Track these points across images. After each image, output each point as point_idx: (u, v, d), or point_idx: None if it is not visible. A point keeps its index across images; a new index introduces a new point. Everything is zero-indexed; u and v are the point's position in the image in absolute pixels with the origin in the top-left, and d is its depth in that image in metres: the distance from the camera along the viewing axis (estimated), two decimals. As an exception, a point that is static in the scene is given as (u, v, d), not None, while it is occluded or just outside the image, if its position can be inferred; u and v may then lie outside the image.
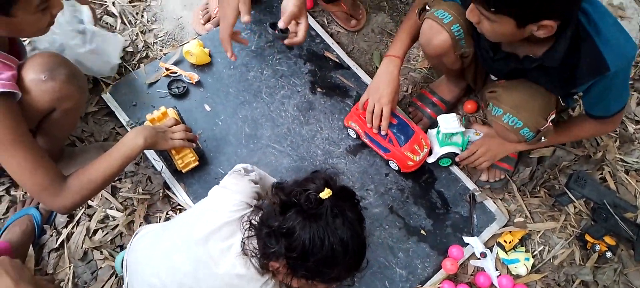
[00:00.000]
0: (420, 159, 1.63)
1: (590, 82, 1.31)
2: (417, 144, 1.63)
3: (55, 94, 1.29)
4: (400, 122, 1.64)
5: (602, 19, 1.23)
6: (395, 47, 1.58)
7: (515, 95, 1.45)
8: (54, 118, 1.37)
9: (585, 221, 1.68)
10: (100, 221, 1.58)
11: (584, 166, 1.76)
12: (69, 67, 1.33)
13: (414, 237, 1.61)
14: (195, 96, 1.76)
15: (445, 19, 1.44)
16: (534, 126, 1.43)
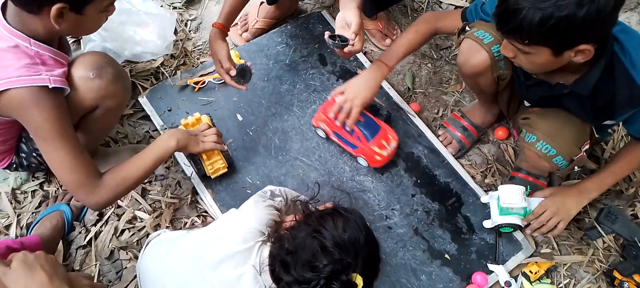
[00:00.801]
0: (387, 154, 1.67)
1: (629, 112, 1.29)
2: (384, 139, 1.66)
3: (101, 92, 1.34)
4: (366, 119, 1.66)
5: (637, 48, 1.22)
6: (391, 55, 1.58)
7: (549, 123, 1.44)
8: (96, 115, 1.41)
9: (613, 257, 1.64)
10: (128, 221, 1.61)
11: (615, 201, 1.72)
12: (115, 67, 1.39)
13: (437, 260, 1.60)
14: (228, 105, 1.79)
15: (485, 39, 1.44)
16: (567, 155, 1.42)
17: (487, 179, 1.77)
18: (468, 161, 1.82)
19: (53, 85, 1.20)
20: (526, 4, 1.09)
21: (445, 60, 2.02)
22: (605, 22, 1.12)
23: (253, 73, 1.63)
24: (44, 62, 1.22)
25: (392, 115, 1.83)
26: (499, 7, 1.18)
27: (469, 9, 1.50)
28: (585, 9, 1.05)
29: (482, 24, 1.47)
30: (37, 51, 1.22)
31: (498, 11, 1.18)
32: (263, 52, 1.92)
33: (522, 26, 1.13)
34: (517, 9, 1.11)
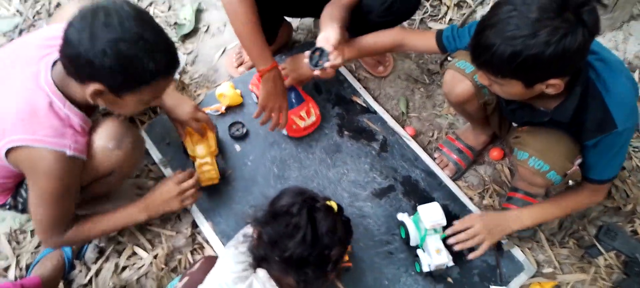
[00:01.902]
0: (305, 125, 1.75)
1: (596, 138, 1.31)
2: (304, 111, 1.75)
3: (119, 163, 1.37)
4: (293, 92, 1.74)
5: (612, 76, 1.25)
6: (351, 46, 1.60)
7: (540, 140, 1.45)
8: (109, 179, 1.42)
9: (616, 274, 1.64)
10: (128, 257, 1.60)
11: (613, 218, 1.73)
12: (134, 134, 1.40)
13: (440, 285, 1.59)
14: (225, 135, 1.80)
15: (467, 69, 1.49)
16: (561, 169, 1.43)
17: (485, 200, 1.78)
18: (465, 183, 1.83)
19: (71, 152, 1.22)
20: (497, 40, 1.11)
21: (437, 84, 2.05)
22: (573, 59, 1.14)
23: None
24: (71, 126, 1.24)
25: (388, 139, 1.85)
26: (472, 40, 1.20)
27: (445, 34, 1.51)
28: (552, 48, 1.08)
29: (462, 53, 1.51)
30: (68, 115, 1.23)
31: (472, 44, 1.21)
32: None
33: (493, 61, 1.15)
34: (489, 45, 1.13)
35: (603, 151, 1.34)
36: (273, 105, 1.61)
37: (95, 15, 1.09)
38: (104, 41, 1.08)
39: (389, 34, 1.61)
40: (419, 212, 1.55)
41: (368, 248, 1.62)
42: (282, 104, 1.62)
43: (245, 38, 1.52)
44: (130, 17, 1.10)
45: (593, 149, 1.35)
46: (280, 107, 1.62)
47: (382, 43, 1.61)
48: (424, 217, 1.53)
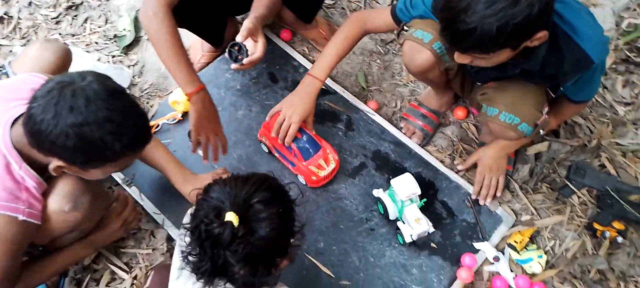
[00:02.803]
0: (326, 174, 1.64)
1: (576, 77, 1.34)
2: (322, 159, 1.63)
3: (77, 223, 1.31)
4: (307, 138, 1.64)
5: (575, 17, 1.26)
6: (320, 67, 1.58)
7: (507, 94, 1.46)
8: (70, 236, 1.38)
9: (591, 210, 1.68)
10: (107, 284, 1.55)
11: (581, 156, 1.76)
12: (91, 191, 1.32)
13: (424, 251, 1.59)
14: (186, 142, 1.73)
15: (425, 39, 1.47)
16: (531, 120, 1.44)
17: (456, 160, 1.79)
18: (434, 147, 1.83)
19: (24, 218, 1.17)
20: (477, 21, 1.09)
21: (393, 53, 2.04)
22: (553, 7, 1.15)
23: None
24: (26, 189, 1.18)
25: (352, 118, 1.83)
26: (447, 30, 1.17)
27: (399, 7, 1.49)
28: (536, 6, 1.07)
29: (418, 22, 1.48)
30: (23, 177, 1.17)
31: (449, 34, 1.18)
32: (212, 82, 1.88)
33: (480, 42, 1.13)
34: (470, 29, 1.11)
35: (585, 82, 1.38)
36: (206, 130, 1.50)
37: (61, 93, 1.05)
38: (67, 124, 1.04)
39: (349, 32, 1.58)
40: (393, 185, 1.54)
41: (349, 229, 1.61)
42: (216, 127, 1.53)
43: (168, 60, 1.42)
44: (98, 98, 1.06)
45: (573, 86, 1.39)
46: (215, 130, 1.53)
47: (345, 46, 1.58)
48: (398, 190, 1.53)
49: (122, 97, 1.13)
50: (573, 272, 1.57)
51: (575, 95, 1.47)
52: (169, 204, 1.64)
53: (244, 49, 1.53)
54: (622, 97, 1.91)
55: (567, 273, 1.57)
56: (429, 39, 1.46)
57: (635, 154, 1.78)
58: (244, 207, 0.98)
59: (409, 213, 1.54)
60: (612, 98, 1.90)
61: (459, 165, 1.75)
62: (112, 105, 1.08)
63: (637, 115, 1.85)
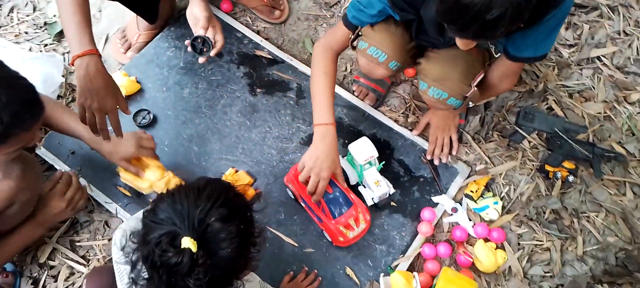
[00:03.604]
0: (353, 236, 1.48)
1: (545, 18, 1.22)
2: (353, 219, 1.47)
3: (11, 192, 1.25)
4: (337, 193, 1.49)
5: None
6: (324, 112, 1.46)
7: (437, 67, 1.44)
8: (12, 210, 1.30)
9: (542, 152, 1.71)
10: (66, 279, 1.50)
11: (529, 101, 1.80)
12: (22, 160, 1.27)
13: (385, 210, 1.60)
14: (132, 127, 1.67)
15: (380, 58, 1.45)
16: (459, 94, 1.44)
17: (410, 118, 1.79)
18: (387, 107, 1.82)
19: None
20: (503, 3, 0.99)
21: (338, 15, 2.00)
22: None
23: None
24: None
25: (302, 85, 1.80)
26: (472, 26, 1.06)
27: (351, 15, 1.44)
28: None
29: (370, 34, 1.44)
30: None
31: (474, 30, 1.07)
32: (153, 62, 1.81)
33: (513, 20, 1.04)
34: (500, 15, 1.01)
35: (549, 27, 1.28)
36: (90, 105, 1.29)
37: None
38: None
39: (325, 66, 1.49)
40: (350, 150, 1.54)
41: (308, 198, 1.60)
42: (102, 102, 1.30)
43: (63, 17, 1.28)
44: None
45: (534, 29, 1.26)
46: (101, 105, 1.30)
47: (331, 80, 1.49)
48: (356, 155, 1.52)
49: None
50: (528, 215, 1.61)
51: (521, 51, 1.35)
52: (119, 192, 1.58)
53: (208, 41, 1.47)
54: (565, 39, 1.94)
55: (523, 216, 1.61)
56: (384, 59, 1.45)
57: (581, 94, 1.82)
58: (200, 229, 0.88)
59: (369, 176, 1.54)
60: (556, 41, 1.93)
61: (413, 130, 1.75)
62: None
63: (580, 56, 1.89)
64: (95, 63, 1.28)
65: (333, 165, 1.45)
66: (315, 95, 1.49)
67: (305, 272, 1.49)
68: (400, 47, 1.46)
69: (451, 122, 1.70)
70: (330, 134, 1.45)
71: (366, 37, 1.45)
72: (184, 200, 0.91)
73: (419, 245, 1.55)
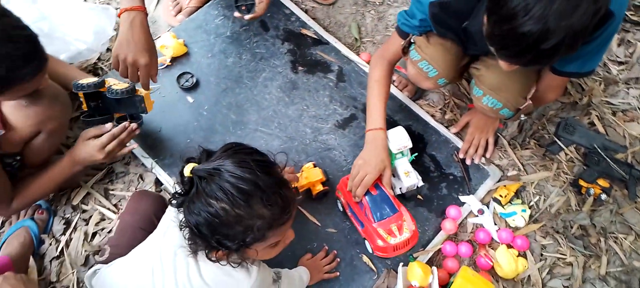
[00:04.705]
0: (396, 243, 1.40)
1: (593, 35, 1.19)
2: (396, 225, 1.41)
3: (38, 118, 1.29)
4: (382, 195, 1.45)
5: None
6: (375, 119, 1.51)
7: (495, 76, 1.42)
8: (40, 140, 1.36)
9: (577, 167, 1.69)
10: (97, 223, 1.56)
11: (571, 113, 1.76)
12: (49, 88, 1.31)
13: (411, 202, 1.61)
14: (175, 89, 1.73)
15: (430, 73, 1.45)
16: (513, 106, 1.43)
17: (447, 115, 1.78)
18: (425, 101, 1.82)
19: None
20: (558, 33, 0.97)
21: (387, 4, 2.00)
22: None
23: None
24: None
25: (343, 69, 1.81)
26: (526, 55, 1.04)
27: (400, 22, 1.46)
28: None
29: (424, 46, 1.44)
30: None
31: (529, 58, 1.05)
32: (202, 28, 1.85)
33: (570, 47, 1.02)
34: (557, 43, 0.99)
35: (598, 44, 1.24)
36: (125, 56, 1.34)
37: None
38: None
39: (379, 77, 1.54)
40: (388, 134, 1.54)
41: (337, 180, 1.61)
42: (137, 56, 1.35)
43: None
44: None
45: (585, 46, 1.20)
46: (134, 60, 1.35)
47: (384, 89, 1.53)
48: (390, 142, 1.53)
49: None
50: (555, 227, 1.59)
51: (564, 65, 1.32)
52: (157, 148, 1.63)
53: (254, 3, 1.52)
54: (616, 55, 1.90)
55: (550, 228, 1.60)
56: (433, 75, 1.45)
57: (625, 113, 1.78)
58: (212, 168, 0.94)
59: (400, 166, 1.55)
60: (606, 56, 1.89)
61: (452, 127, 1.74)
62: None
63: (629, 74, 1.84)
64: (140, 19, 1.34)
65: (381, 164, 1.47)
66: (368, 103, 1.55)
67: (325, 251, 1.52)
68: (452, 64, 1.45)
69: (491, 125, 1.69)
70: (379, 137, 1.49)
71: (420, 49, 1.45)
72: (236, 147, 1.00)
73: (440, 241, 1.55)
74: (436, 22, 1.35)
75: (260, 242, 1.00)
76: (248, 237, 0.96)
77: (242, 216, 0.94)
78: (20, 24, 1.11)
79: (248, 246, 0.99)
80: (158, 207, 1.40)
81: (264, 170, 0.97)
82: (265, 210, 0.96)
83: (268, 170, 0.99)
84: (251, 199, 0.94)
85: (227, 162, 0.95)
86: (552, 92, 1.48)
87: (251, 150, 1.03)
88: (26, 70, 1.12)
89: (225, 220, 0.94)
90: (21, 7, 1.14)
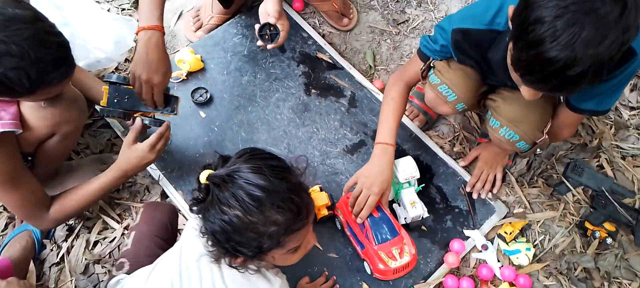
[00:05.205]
0: (396, 267, 1.43)
1: (614, 73, 1.20)
2: (397, 248, 1.44)
3: (55, 119, 1.31)
4: (384, 218, 1.49)
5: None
6: (386, 133, 1.52)
7: (513, 108, 1.42)
8: (53, 141, 1.38)
9: (584, 209, 1.68)
10: (99, 232, 1.58)
11: (580, 154, 1.76)
12: (68, 92, 1.34)
13: (414, 233, 1.61)
14: (189, 102, 1.76)
15: (449, 97, 1.46)
16: (530, 139, 1.42)
17: (456, 148, 1.79)
18: (435, 132, 1.83)
19: (2, 129, 1.18)
20: (584, 61, 0.96)
21: (404, 34, 2.03)
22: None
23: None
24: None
25: (356, 94, 1.83)
26: (551, 81, 1.03)
27: (422, 44, 1.48)
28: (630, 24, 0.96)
29: (444, 70, 1.45)
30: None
31: (554, 85, 1.04)
32: (219, 45, 1.89)
33: (594, 77, 1.01)
34: (582, 72, 0.97)
35: (618, 82, 1.24)
36: (139, 73, 1.36)
37: None
38: None
39: (394, 94, 1.55)
40: (394, 165, 1.55)
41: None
42: (151, 75, 1.37)
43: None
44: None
45: (604, 83, 1.23)
46: (149, 79, 1.37)
47: (398, 107, 1.54)
48: (397, 171, 1.53)
49: (21, 26, 1.04)
50: (559, 268, 1.58)
51: (581, 102, 1.32)
52: (166, 160, 1.66)
53: (276, 28, 1.55)
54: (629, 100, 1.89)
55: (553, 269, 1.58)
56: (452, 99, 1.45)
57: (635, 159, 1.77)
58: (228, 173, 0.95)
59: (406, 196, 1.55)
60: (619, 101, 1.89)
61: (461, 161, 1.75)
62: (9, 36, 1.01)
63: (641, 120, 1.85)
64: (157, 38, 1.37)
65: (385, 183, 1.48)
66: (381, 117, 1.56)
67: (325, 276, 1.52)
68: (471, 89, 1.45)
69: (500, 161, 1.70)
70: (388, 153, 1.50)
71: (440, 73, 1.46)
72: (251, 152, 1.01)
73: (442, 275, 1.55)
74: (457, 49, 1.37)
75: (277, 248, 0.99)
76: (264, 244, 0.97)
77: (255, 223, 0.94)
78: (54, 30, 1.13)
79: (265, 252, 0.99)
80: (172, 215, 1.41)
81: (278, 175, 0.97)
82: (278, 216, 0.95)
83: (283, 175, 0.99)
84: (263, 205, 0.94)
85: (242, 168, 0.96)
86: (567, 129, 1.49)
87: (266, 155, 1.03)
88: (55, 75, 1.13)
89: (238, 227, 0.95)
90: (46, 12, 1.16)
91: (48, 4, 1.76)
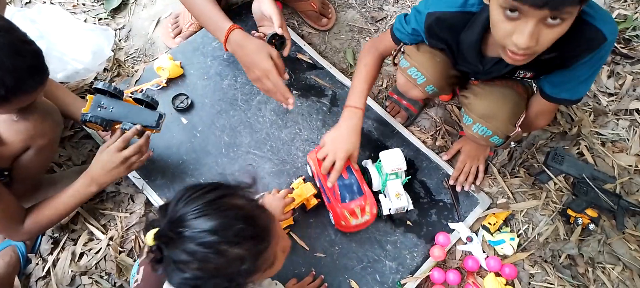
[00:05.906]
0: (357, 224, 1.52)
1: (585, 59, 1.21)
2: (359, 207, 1.52)
3: (29, 133, 1.30)
4: (353, 180, 1.55)
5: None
6: (355, 97, 1.53)
7: (485, 104, 1.44)
8: (29, 155, 1.37)
9: (566, 196, 1.70)
10: (85, 244, 1.57)
11: (560, 143, 1.78)
12: (41, 104, 1.33)
13: (400, 228, 1.62)
14: (170, 109, 1.75)
15: (418, 80, 1.48)
16: (503, 133, 1.44)
17: (438, 141, 1.80)
18: (417, 127, 1.84)
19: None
20: None
21: (382, 31, 2.03)
22: None
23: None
24: None
25: (337, 93, 1.83)
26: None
27: (395, 27, 1.48)
28: None
29: (413, 54, 1.47)
30: None
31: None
32: (199, 50, 1.88)
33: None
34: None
35: (590, 68, 1.24)
36: (257, 76, 1.47)
37: None
38: None
39: (368, 61, 1.56)
40: (381, 157, 1.57)
41: (327, 204, 1.63)
42: (260, 65, 1.46)
43: (202, 8, 1.48)
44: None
45: (572, 70, 1.25)
46: (266, 71, 1.46)
47: (371, 73, 1.56)
48: (384, 162, 1.55)
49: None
50: (544, 256, 1.60)
51: (559, 92, 1.33)
52: (149, 168, 1.65)
53: (283, 38, 1.56)
54: (606, 87, 1.92)
55: (538, 257, 1.60)
56: (422, 82, 1.47)
57: (614, 144, 1.80)
58: (174, 227, 0.89)
59: (391, 187, 1.56)
60: (596, 88, 1.91)
61: (444, 154, 1.77)
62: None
63: (619, 106, 1.87)
64: (235, 36, 1.46)
65: (352, 146, 1.51)
66: (353, 82, 1.57)
67: (312, 276, 1.52)
68: (440, 72, 1.47)
69: (482, 153, 1.72)
70: (356, 117, 1.52)
71: (409, 57, 1.48)
72: (187, 194, 0.92)
73: (428, 268, 1.56)
74: (429, 34, 1.37)
75: (253, 275, 0.94)
76: (237, 279, 0.92)
77: (218, 267, 0.89)
78: (27, 39, 1.16)
79: (244, 284, 0.95)
80: None
81: (222, 207, 0.91)
82: (239, 251, 0.90)
83: (226, 204, 0.93)
84: (219, 247, 0.88)
85: (185, 216, 0.89)
86: (542, 118, 1.50)
87: (202, 189, 0.94)
88: (30, 82, 1.16)
89: (204, 278, 0.89)
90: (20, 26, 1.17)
91: (22, 18, 1.75)
